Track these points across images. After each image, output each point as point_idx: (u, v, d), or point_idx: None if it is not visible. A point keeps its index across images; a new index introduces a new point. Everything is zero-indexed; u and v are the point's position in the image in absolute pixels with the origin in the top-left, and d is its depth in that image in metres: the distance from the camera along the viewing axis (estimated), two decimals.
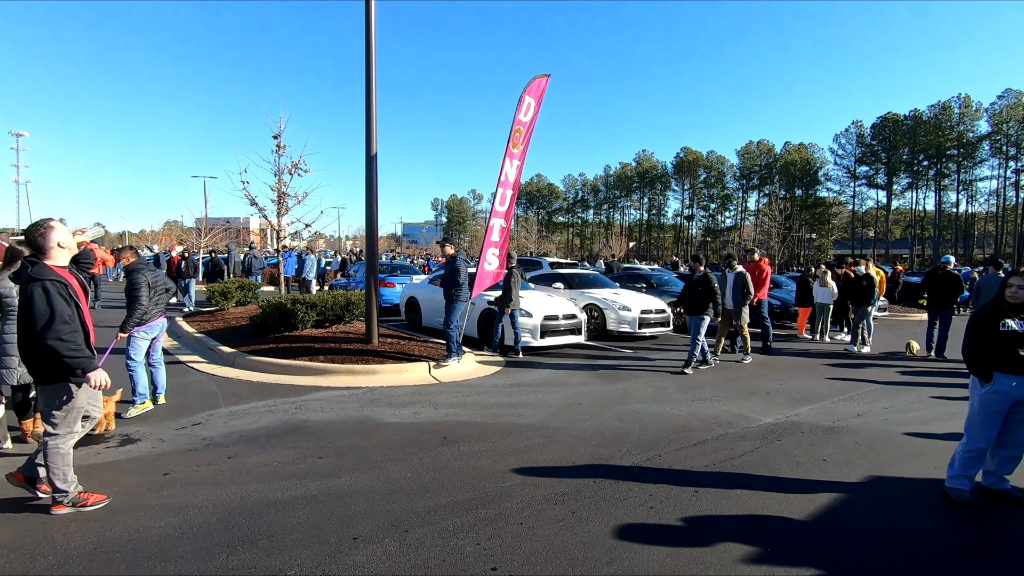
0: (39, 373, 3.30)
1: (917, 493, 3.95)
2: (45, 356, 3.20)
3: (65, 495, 3.36)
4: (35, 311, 3.13)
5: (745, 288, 9.00)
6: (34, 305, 3.14)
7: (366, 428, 5.20)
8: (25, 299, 3.17)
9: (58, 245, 3.34)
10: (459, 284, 8.01)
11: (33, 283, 3.17)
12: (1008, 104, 57.97)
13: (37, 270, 3.22)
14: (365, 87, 8.00)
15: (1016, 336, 3.62)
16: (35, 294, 3.15)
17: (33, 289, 3.15)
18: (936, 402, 6.65)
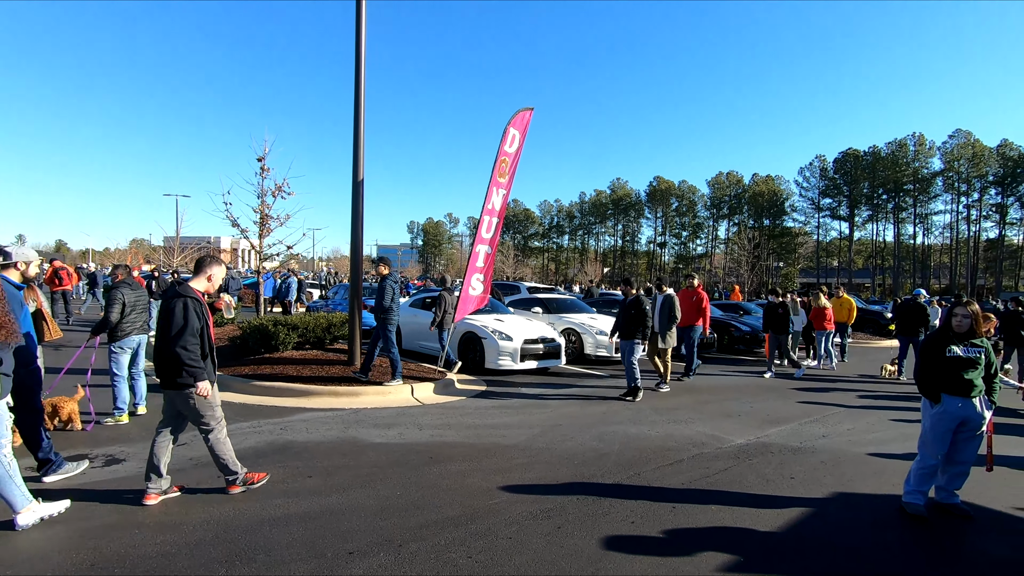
0: None
1: (877, 508, 4.23)
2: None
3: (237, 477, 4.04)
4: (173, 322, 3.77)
5: (672, 312, 8.98)
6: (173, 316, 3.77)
7: (353, 448, 5.28)
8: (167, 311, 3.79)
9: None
10: (385, 308, 7.77)
11: (177, 299, 3.82)
12: (959, 143, 61.60)
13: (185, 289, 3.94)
14: (353, 117, 8.23)
15: (960, 361, 3.98)
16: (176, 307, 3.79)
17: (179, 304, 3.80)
18: (895, 424, 7.04)
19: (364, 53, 8.30)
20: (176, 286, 3.99)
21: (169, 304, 3.81)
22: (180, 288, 3.94)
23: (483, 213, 8.57)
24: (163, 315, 3.82)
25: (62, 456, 4.39)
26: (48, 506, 3.50)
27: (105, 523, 3.49)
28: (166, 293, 4.02)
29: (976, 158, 60.65)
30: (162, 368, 3.84)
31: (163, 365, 3.83)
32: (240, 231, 10.94)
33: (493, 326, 9.77)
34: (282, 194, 10.92)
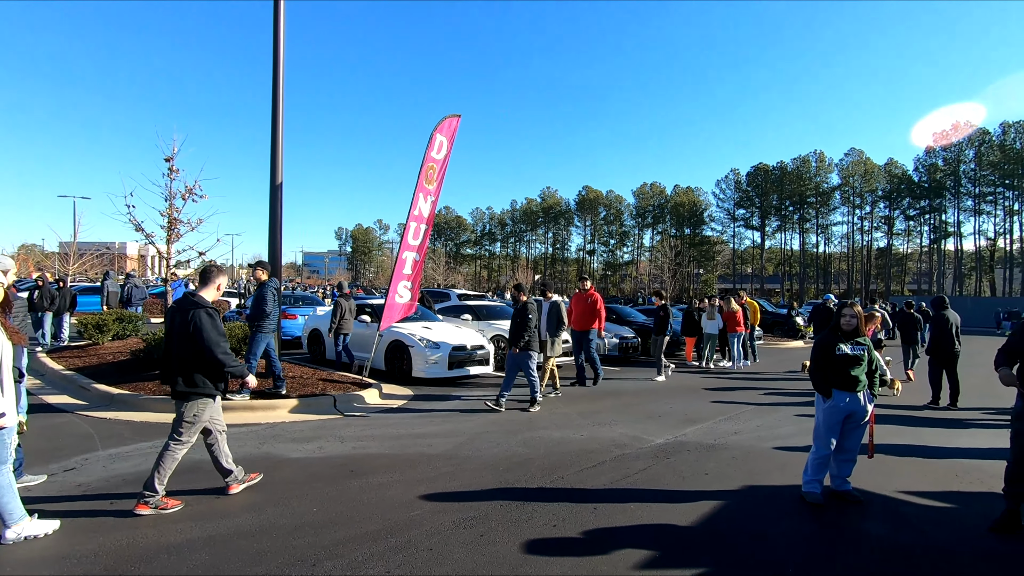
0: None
1: (781, 498, 4.52)
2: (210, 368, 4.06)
3: (154, 497, 3.87)
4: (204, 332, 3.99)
5: (559, 317, 8.80)
6: (203, 327, 3.98)
7: (268, 465, 5.01)
8: (193, 321, 3.98)
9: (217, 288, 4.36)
10: (265, 314, 7.23)
11: (198, 308, 4.04)
12: (853, 160, 67.74)
13: (200, 299, 4.14)
14: (271, 118, 7.89)
15: (848, 358, 4.35)
16: (203, 317, 4.01)
17: (203, 314, 4.02)
18: (798, 419, 7.57)
19: (283, 52, 7.99)
20: (191, 297, 4.16)
21: (191, 316, 3.99)
22: (197, 299, 4.13)
23: (410, 219, 8.45)
24: (183, 325, 3.99)
25: None
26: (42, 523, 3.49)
27: None
28: (182, 305, 4.13)
29: (867, 175, 66.90)
30: (178, 372, 4.01)
31: (180, 370, 4.01)
32: (145, 236, 10.13)
33: (421, 334, 9.62)
34: (193, 197, 10.23)
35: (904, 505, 4.45)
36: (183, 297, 4.25)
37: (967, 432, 7.08)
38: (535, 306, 7.82)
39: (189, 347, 3.99)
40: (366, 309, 10.94)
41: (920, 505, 4.45)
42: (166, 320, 4.26)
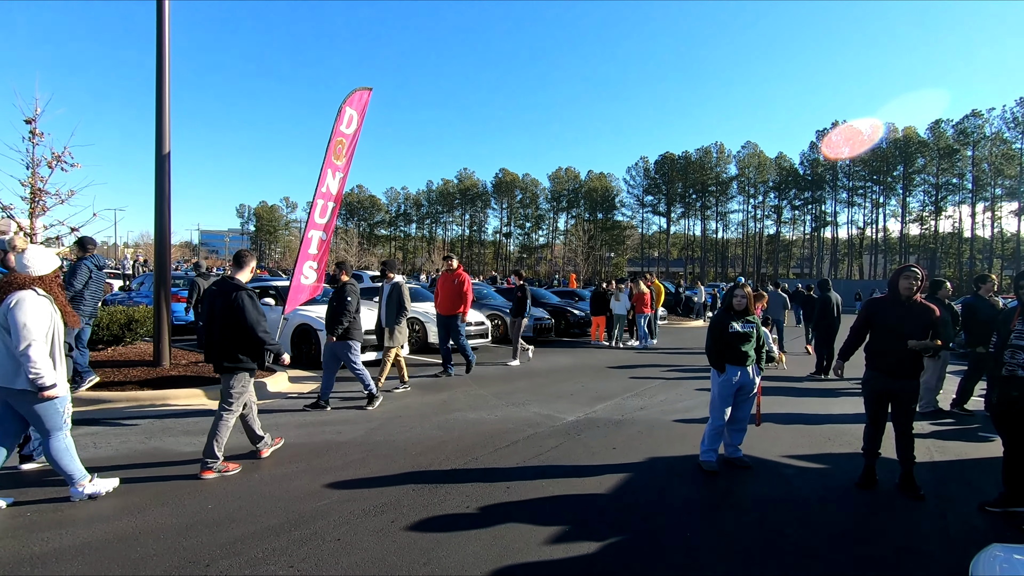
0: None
1: (680, 467, 4.80)
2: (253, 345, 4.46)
3: (215, 462, 4.31)
4: (246, 312, 4.37)
5: (400, 302, 7.58)
6: (245, 308, 4.38)
7: (155, 461, 4.59)
8: (234, 303, 4.36)
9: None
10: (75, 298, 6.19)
11: (240, 291, 4.43)
12: (748, 153, 73.00)
13: (239, 282, 4.58)
14: (156, 78, 7.11)
15: (739, 335, 4.68)
16: (244, 299, 4.39)
17: (244, 296, 4.41)
18: (698, 393, 8.09)
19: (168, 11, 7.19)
20: (230, 280, 4.54)
21: (232, 298, 4.36)
22: (236, 282, 4.52)
23: (317, 197, 7.99)
24: (225, 306, 4.36)
25: None
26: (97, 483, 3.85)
27: None
28: (223, 288, 4.48)
29: (760, 167, 72.47)
30: (221, 351, 4.40)
31: (224, 348, 4.40)
32: (1, 208, 8.83)
33: None
34: (62, 165, 8.98)
35: (786, 467, 4.90)
36: (222, 280, 4.63)
37: (840, 400, 7.91)
38: (356, 288, 6.69)
39: (232, 326, 4.38)
40: (270, 291, 10.29)
41: (799, 467, 4.92)
42: (207, 303, 4.68)
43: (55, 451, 3.71)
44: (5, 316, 3.52)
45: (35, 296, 3.62)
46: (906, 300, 4.29)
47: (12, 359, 3.53)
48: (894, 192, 66.94)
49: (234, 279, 4.58)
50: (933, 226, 64.47)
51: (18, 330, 3.48)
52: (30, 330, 3.50)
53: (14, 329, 3.50)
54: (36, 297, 3.62)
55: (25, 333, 3.49)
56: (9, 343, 3.51)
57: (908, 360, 4.23)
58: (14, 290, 3.59)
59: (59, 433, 3.72)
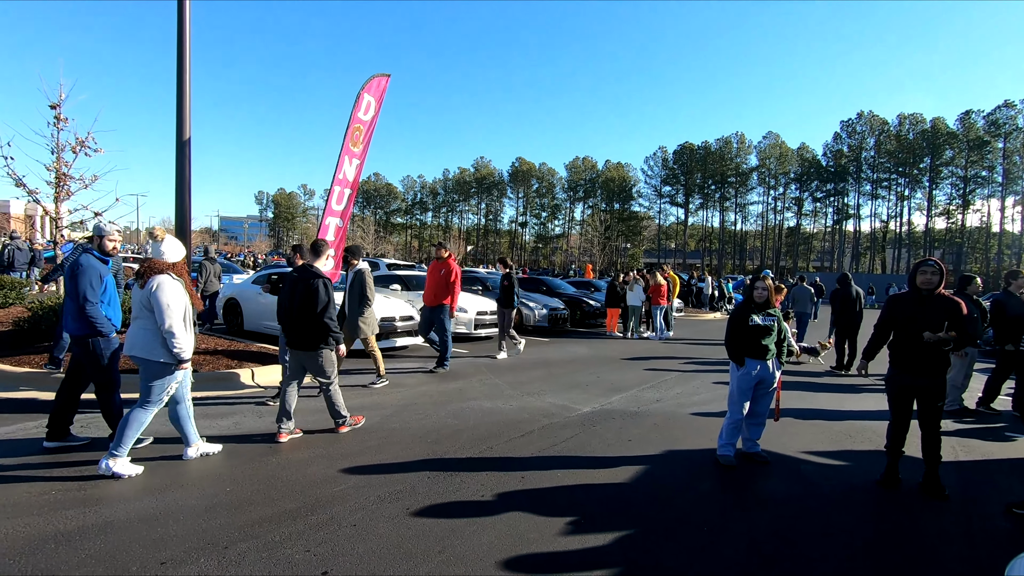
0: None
1: (697, 461, 4.75)
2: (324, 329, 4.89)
3: (344, 419, 5.11)
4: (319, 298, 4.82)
5: (362, 292, 7.00)
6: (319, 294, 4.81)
7: (177, 442, 4.66)
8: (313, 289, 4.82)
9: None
10: None
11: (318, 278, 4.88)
12: (770, 143, 71.65)
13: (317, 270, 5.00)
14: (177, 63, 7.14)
15: (760, 329, 4.60)
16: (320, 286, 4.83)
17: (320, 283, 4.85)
18: (715, 387, 8.01)
19: None
20: (309, 268, 5.00)
21: (312, 284, 4.82)
22: (315, 270, 4.97)
23: (334, 183, 8.00)
24: (306, 292, 4.82)
25: None
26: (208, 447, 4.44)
27: None
28: (304, 275, 4.93)
29: (782, 158, 71.13)
30: (307, 334, 4.87)
31: (309, 331, 4.86)
32: (28, 192, 9.00)
33: None
34: (86, 150, 9.15)
35: (804, 464, 4.82)
36: (303, 267, 5.02)
37: (860, 396, 7.77)
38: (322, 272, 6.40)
39: (310, 309, 4.81)
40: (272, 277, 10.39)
41: (818, 463, 4.84)
42: (286, 288, 5.07)
43: (133, 419, 4.03)
44: (148, 297, 3.98)
45: (171, 280, 4.08)
46: (927, 295, 4.18)
47: (153, 334, 3.99)
48: (920, 185, 65.35)
49: (313, 267, 5.01)
50: (960, 220, 62.87)
51: (162, 310, 3.95)
52: (173, 309, 3.98)
53: (158, 309, 3.95)
54: (172, 280, 4.08)
55: (169, 312, 3.96)
56: (150, 321, 4.00)
57: (932, 357, 4.11)
58: (154, 274, 4.05)
59: (153, 408, 4.09)
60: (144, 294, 4.02)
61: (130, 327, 4.18)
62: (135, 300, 4.16)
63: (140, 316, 4.09)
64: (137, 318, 4.11)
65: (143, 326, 4.06)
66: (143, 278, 4.06)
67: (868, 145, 67.36)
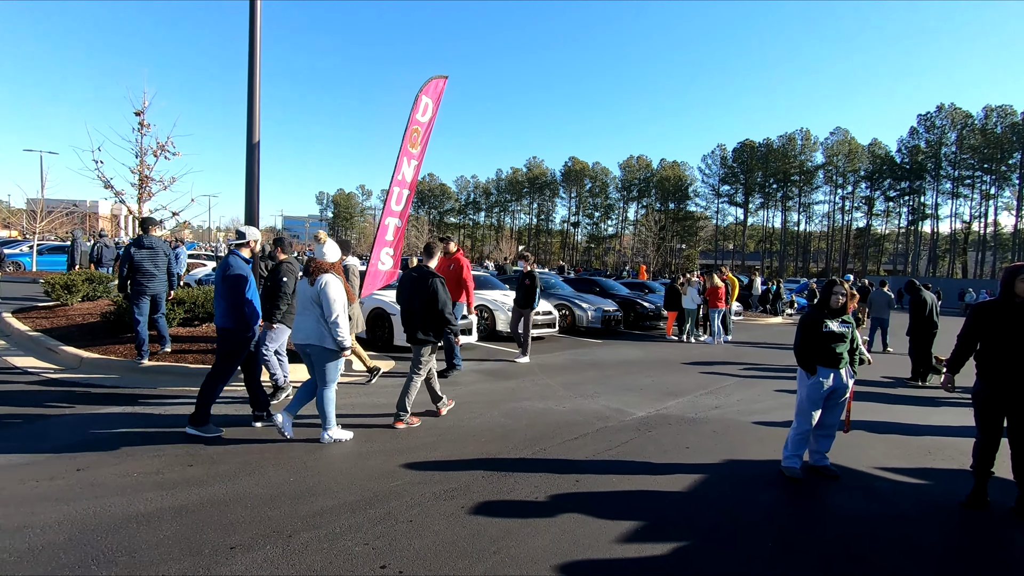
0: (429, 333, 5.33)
1: (761, 472, 4.55)
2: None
3: (406, 414, 5.28)
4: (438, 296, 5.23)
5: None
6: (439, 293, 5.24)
7: (244, 432, 4.88)
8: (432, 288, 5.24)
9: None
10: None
11: (435, 277, 5.30)
12: (837, 140, 68.01)
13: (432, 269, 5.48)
14: (248, 70, 7.49)
15: (834, 335, 4.34)
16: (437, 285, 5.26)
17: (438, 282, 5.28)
18: (777, 394, 7.65)
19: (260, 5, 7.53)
20: (426, 268, 5.46)
21: (430, 283, 5.23)
22: (430, 270, 5.41)
23: (393, 184, 8.16)
24: (425, 290, 5.24)
25: None
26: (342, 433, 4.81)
27: None
28: (422, 273, 5.33)
29: (851, 155, 67.33)
30: (423, 328, 5.30)
31: (422, 326, 5.30)
32: (115, 194, 9.69)
33: None
34: (165, 154, 9.78)
35: (878, 480, 4.52)
36: (420, 267, 5.49)
37: (940, 410, 7.23)
38: (293, 268, 5.91)
39: (428, 306, 5.22)
40: None
41: (893, 480, 4.52)
42: (405, 285, 5.45)
43: (325, 398, 4.67)
44: (318, 293, 4.54)
45: (335, 277, 4.65)
46: (1022, 303, 3.82)
47: (322, 324, 4.58)
48: (1008, 182, 60.29)
49: (428, 266, 5.48)
50: None
51: (330, 304, 4.51)
52: (338, 304, 4.55)
53: (326, 303, 4.52)
54: (335, 278, 4.64)
55: (335, 306, 4.53)
56: (319, 313, 4.58)
57: None
58: (321, 273, 4.61)
59: (333, 385, 4.72)
60: (313, 290, 4.58)
61: (297, 319, 4.75)
62: (302, 296, 4.72)
63: (308, 310, 4.64)
64: (304, 312, 4.68)
65: (312, 318, 4.61)
66: (311, 276, 4.61)
67: (948, 140, 62.75)
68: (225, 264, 4.83)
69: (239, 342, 4.82)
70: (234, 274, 4.76)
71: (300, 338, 4.67)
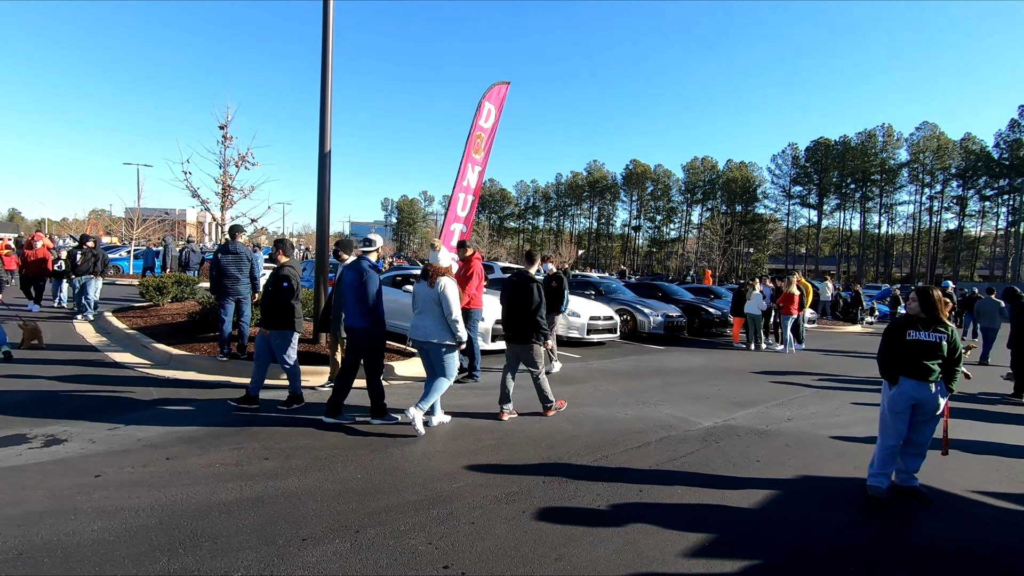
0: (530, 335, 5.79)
1: (838, 490, 4.26)
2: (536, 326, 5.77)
3: (552, 403, 5.91)
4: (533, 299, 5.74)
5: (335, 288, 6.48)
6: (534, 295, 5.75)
7: (316, 429, 5.10)
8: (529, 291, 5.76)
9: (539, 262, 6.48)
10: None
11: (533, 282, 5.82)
12: (925, 135, 63.16)
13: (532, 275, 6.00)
14: (321, 84, 7.86)
15: (920, 344, 4.01)
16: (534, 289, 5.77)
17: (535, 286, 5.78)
18: (856, 407, 7.17)
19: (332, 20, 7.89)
20: (526, 273, 5.93)
21: (529, 286, 5.72)
22: (529, 275, 5.91)
23: (458, 190, 8.32)
24: (525, 293, 5.74)
25: None
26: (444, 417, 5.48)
27: (35, 510, 3.26)
28: (521, 279, 5.84)
29: (940, 151, 62.28)
30: (521, 329, 5.75)
31: (523, 327, 5.74)
32: (201, 202, 10.44)
33: None
34: (246, 164, 10.44)
35: (976, 505, 4.13)
36: (521, 272, 5.95)
37: None
38: (296, 271, 5.85)
39: (529, 310, 5.70)
40: (410, 280, 11.01)
41: (993, 506, 4.12)
42: (510, 289, 5.91)
43: (439, 386, 5.19)
44: (439, 294, 5.07)
45: (451, 280, 5.19)
46: None
47: (441, 323, 5.11)
48: None
49: (527, 272, 5.96)
50: None
51: (450, 304, 5.05)
52: (456, 304, 5.09)
53: (446, 303, 5.06)
54: (452, 281, 5.19)
55: (455, 307, 5.07)
56: (438, 313, 5.10)
57: None
58: (439, 276, 5.15)
59: (450, 378, 5.27)
60: (434, 292, 5.10)
61: (416, 318, 5.25)
62: (423, 297, 5.19)
63: (427, 310, 5.17)
64: (424, 312, 5.19)
65: (432, 317, 5.14)
66: (431, 279, 5.16)
67: None
68: (360, 269, 5.25)
69: (378, 337, 5.33)
70: (370, 279, 5.21)
71: (421, 335, 5.18)
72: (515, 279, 5.89)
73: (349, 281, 5.30)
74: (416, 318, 5.27)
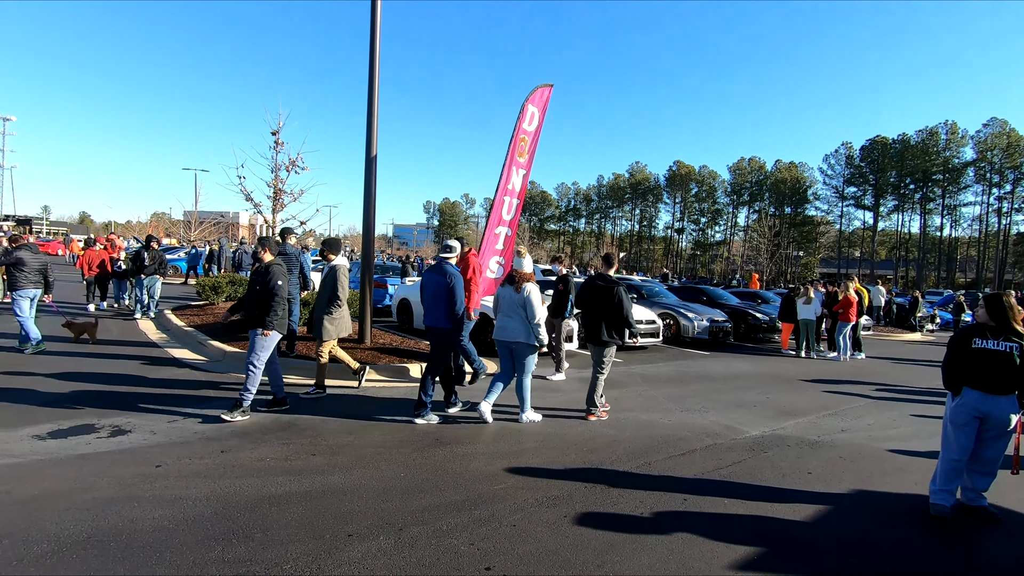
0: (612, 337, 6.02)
1: (898, 505, 4.05)
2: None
3: (596, 408, 5.95)
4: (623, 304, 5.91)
5: (335, 290, 6.22)
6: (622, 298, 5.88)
7: (360, 427, 5.22)
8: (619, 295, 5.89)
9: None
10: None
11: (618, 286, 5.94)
12: (993, 132, 59.42)
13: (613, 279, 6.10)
14: (368, 90, 8.05)
15: (988, 354, 3.77)
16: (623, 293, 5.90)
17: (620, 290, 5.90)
18: (916, 420, 6.80)
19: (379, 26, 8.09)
20: (607, 276, 6.08)
21: (615, 290, 5.85)
22: (612, 278, 6.03)
23: (502, 194, 8.30)
24: (610, 298, 5.85)
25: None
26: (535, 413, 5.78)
27: (102, 496, 3.45)
28: (600, 281, 6.00)
29: (1011, 148, 58.37)
30: (601, 330, 5.92)
31: (596, 328, 5.95)
32: (253, 205, 10.88)
33: None
34: (296, 168, 10.83)
35: None
36: (601, 275, 6.10)
37: None
38: (283, 270, 5.54)
39: (613, 312, 5.86)
40: None
41: None
42: (587, 292, 6.08)
43: (524, 387, 5.64)
44: (524, 299, 5.48)
45: (535, 286, 5.60)
46: None
47: (525, 325, 5.50)
48: None
49: (608, 275, 6.12)
50: None
51: (534, 308, 5.45)
52: (540, 308, 5.49)
53: (530, 308, 5.46)
54: (536, 287, 5.60)
55: (539, 311, 5.47)
56: (523, 316, 5.49)
57: None
58: (525, 282, 5.57)
59: (531, 374, 5.68)
60: (520, 297, 5.51)
61: (501, 320, 5.66)
62: (508, 301, 5.61)
63: (513, 313, 5.56)
64: (510, 315, 5.58)
65: (517, 320, 5.52)
66: (516, 285, 5.57)
67: None
68: (448, 274, 5.53)
69: (453, 340, 5.68)
70: (457, 283, 5.48)
71: (507, 336, 5.58)
72: (600, 284, 6.02)
73: (434, 284, 5.62)
74: (501, 319, 5.66)
